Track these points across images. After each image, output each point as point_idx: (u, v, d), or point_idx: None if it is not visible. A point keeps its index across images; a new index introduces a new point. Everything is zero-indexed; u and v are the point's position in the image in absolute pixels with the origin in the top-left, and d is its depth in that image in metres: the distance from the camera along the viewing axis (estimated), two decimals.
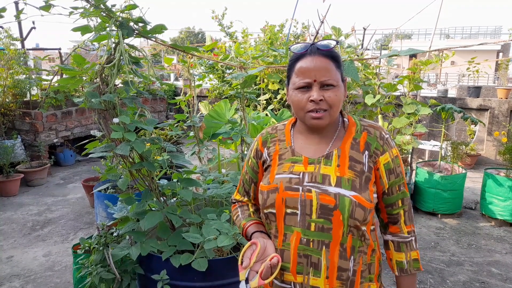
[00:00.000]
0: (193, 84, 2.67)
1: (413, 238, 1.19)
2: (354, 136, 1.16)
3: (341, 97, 1.12)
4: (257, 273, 1.06)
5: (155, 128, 3.96)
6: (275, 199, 1.14)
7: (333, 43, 1.14)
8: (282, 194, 1.13)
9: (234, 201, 1.41)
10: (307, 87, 1.11)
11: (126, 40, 1.77)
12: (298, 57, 1.14)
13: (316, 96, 1.08)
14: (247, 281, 1.08)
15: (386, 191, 1.16)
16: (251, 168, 1.30)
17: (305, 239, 1.10)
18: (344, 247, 1.09)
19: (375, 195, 1.14)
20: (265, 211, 1.18)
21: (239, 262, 1.08)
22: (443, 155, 4.50)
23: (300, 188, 1.11)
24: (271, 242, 1.15)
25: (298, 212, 1.10)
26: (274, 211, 1.15)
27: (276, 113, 4.07)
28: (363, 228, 1.11)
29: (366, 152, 1.13)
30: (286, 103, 5.98)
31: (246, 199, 1.37)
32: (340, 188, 1.08)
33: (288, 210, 1.12)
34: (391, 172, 1.14)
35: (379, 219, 1.24)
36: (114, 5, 1.70)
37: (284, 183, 1.13)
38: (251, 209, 1.34)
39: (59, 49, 6.92)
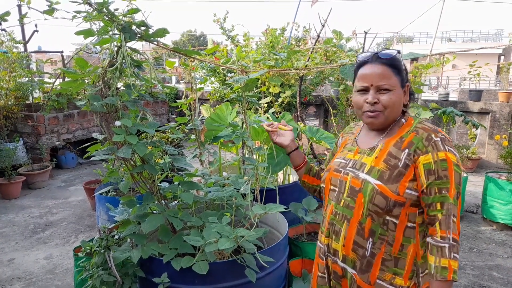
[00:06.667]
0: (194, 87, 2.67)
1: (447, 245, 1.16)
2: (402, 135, 1.28)
3: (396, 100, 1.25)
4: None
5: (157, 131, 3.96)
6: (326, 177, 1.42)
7: (394, 52, 1.27)
8: (330, 174, 1.40)
9: None
10: (364, 90, 1.27)
11: (128, 44, 1.78)
12: (360, 64, 1.31)
13: (371, 98, 1.25)
14: None
15: (425, 190, 1.20)
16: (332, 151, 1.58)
17: (335, 211, 1.34)
18: (362, 226, 1.26)
19: (409, 191, 1.21)
20: (321, 185, 1.46)
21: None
22: None
23: (342, 170, 1.35)
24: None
25: (336, 189, 1.35)
26: (324, 185, 1.43)
27: (277, 116, 4.07)
28: (388, 218, 1.23)
29: (406, 150, 1.24)
30: (287, 106, 5.99)
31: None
32: (369, 175, 1.25)
33: (331, 187, 1.38)
34: (430, 173, 1.19)
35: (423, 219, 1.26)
36: (116, 9, 1.71)
37: (335, 166, 1.39)
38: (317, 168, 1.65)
39: (62, 52, 6.96)
